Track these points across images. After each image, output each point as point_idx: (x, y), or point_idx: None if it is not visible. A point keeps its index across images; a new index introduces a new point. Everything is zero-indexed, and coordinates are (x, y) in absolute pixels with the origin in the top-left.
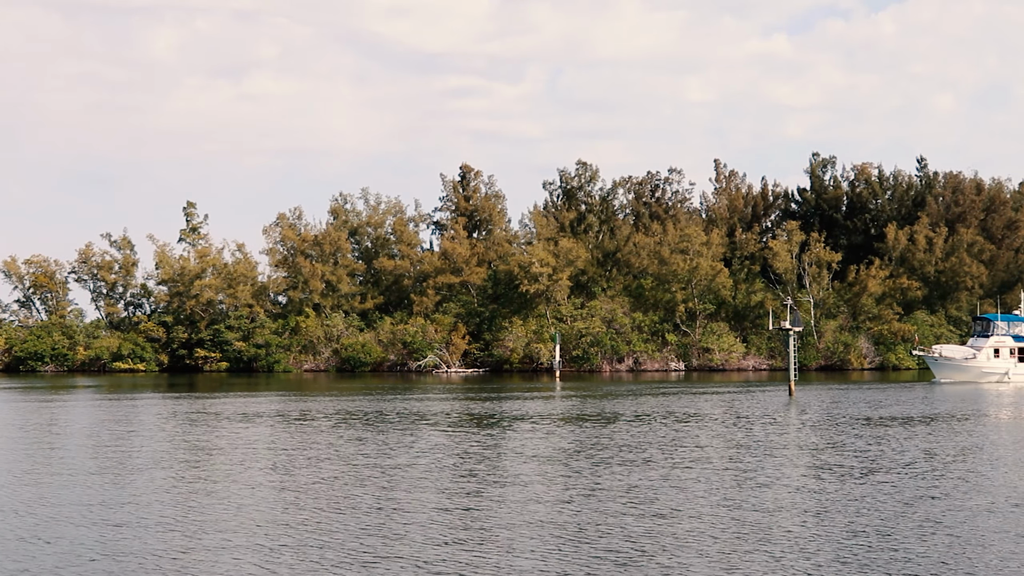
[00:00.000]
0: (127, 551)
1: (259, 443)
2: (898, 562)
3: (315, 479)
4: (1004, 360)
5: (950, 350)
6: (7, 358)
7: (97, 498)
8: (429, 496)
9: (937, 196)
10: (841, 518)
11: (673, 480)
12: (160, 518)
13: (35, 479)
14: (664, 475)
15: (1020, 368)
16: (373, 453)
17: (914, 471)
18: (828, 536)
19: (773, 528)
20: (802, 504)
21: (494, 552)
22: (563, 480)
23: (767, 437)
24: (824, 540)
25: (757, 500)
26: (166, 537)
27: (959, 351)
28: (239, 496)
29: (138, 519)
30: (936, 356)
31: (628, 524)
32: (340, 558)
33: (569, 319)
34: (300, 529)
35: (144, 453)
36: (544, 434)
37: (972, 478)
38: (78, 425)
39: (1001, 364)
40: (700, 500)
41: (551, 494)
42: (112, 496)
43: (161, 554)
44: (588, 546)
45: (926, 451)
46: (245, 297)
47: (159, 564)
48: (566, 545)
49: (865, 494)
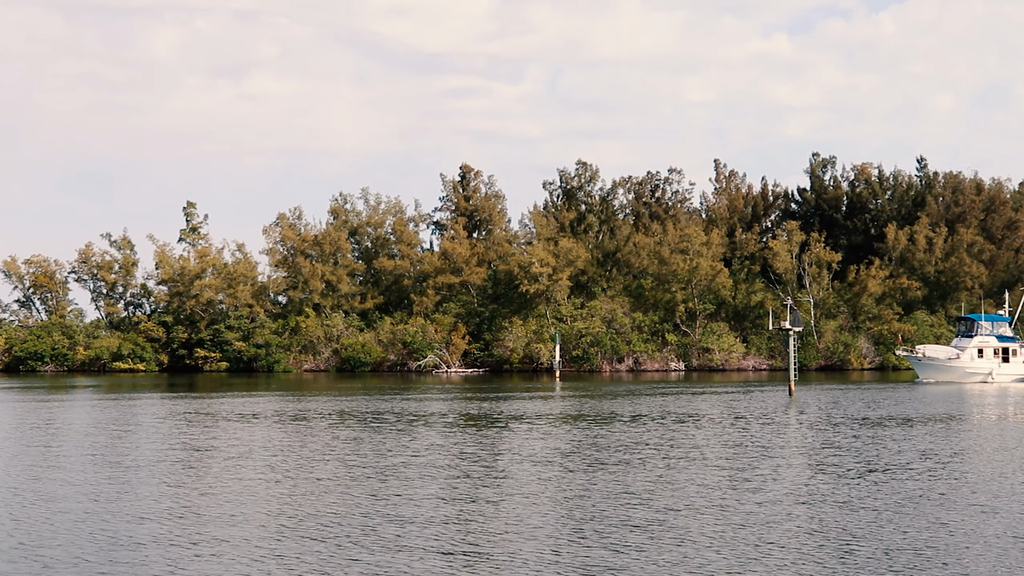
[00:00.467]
0: (126, 551)
1: (259, 443)
2: (893, 561)
3: (313, 479)
4: (988, 360)
5: (933, 350)
6: (7, 358)
7: (94, 498)
8: (426, 497)
9: (937, 196)
10: (839, 518)
11: (672, 480)
12: (158, 518)
13: (34, 479)
14: (663, 476)
15: (1004, 368)
16: (371, 453)
17: (914, 471)
18: (826, 535)
19: (771, 528)
20: (800, 504)
21: (492, 552)
22: (562, 480)
23: (767, 437)
24: (822, 539)
25: (755, 500)
26: (165, 537)
27: (942, 351)
28: (237, 496)
29: (137, 519)
30: (919, 356)
31: (626, 524)
32: (339, 558)
33: (569, 319)
34: (299, 529)
35: (143, 453)
36: (543, 435)
37: (969, 477)
38: (77, 425)
39: (985, 364)
40: (699, 500)
41: (550, 494)
42: (110, 496)
43: (159, 553)
44: (587, 546)
45: (924, 451)
46: (245, 297)
47: (158, 564)
48: (565, 545)
49: (865, 494)
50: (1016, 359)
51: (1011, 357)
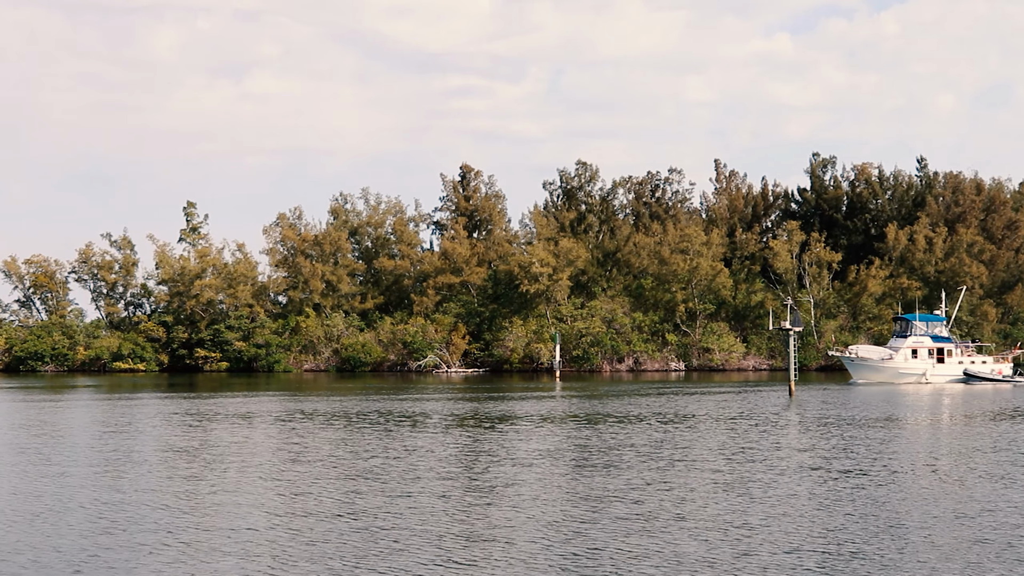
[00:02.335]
0: (123, 550)
1: (258, 443)
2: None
3: (311, 480)
4: (922, 361)
5: (866, 350)
6: (7, 358)
7: (93, 498)
8: (424, 497)
9: (937, 196)
10: (839, 518)
11: (672, 480)
12: (156, 517)
13: (33, 477)
14: (662, 476)
15: (939, 369)
16: (371, 453)
17: (918, 471)
18: (823, 536)
19: (768, 528)
20: (798, 504)
21: (492, 552)
22: (561, 481)
23: (767, 438)
24: (819, 540)
25: (753, 501)
26: (162, 536)
27: (875, 351)
28: (235, 497)
29: (135, 518)
30: (852, 356)
31: (624, 524)
32: (337, 558)
33: (569, 319)
34: (297, 529)
35: (142, 453)
36: (543, 435)
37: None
38: (77, 425)
39: (919, 365)
40: (696, 501)
41: (548, 495)
42: (109, 495)
43: (157, 552)
44: (586, 546)
45: (926, 452)
46: (245, 297)
47: (157, 562)
48: (564, 545)
49: (873, 496)
50: (951, 360)
51: (946, 358)
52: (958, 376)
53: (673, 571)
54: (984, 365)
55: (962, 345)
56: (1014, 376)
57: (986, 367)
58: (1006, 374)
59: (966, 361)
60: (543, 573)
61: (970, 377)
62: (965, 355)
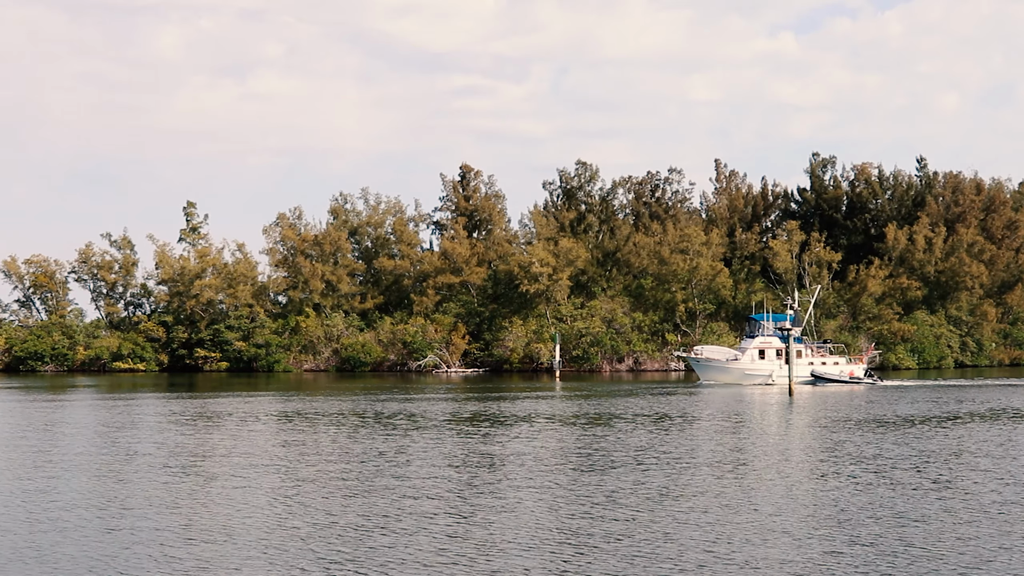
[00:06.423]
0: (124, 550)
1: (258, 443)
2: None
3: (311, 480)
4: (770, 362)
5: (712, 351)
6: (7, 358)
7: (93, 498)
8: (423, 497)
9: (937, 196)
10: (840, 519)
11: (671, 481)
12: (156, 517)
13: (32, 477)
14: (662, 476)
15: (785, 371)
16: (369, 453)
17: (927, 469)
18: (823, 535)
19: (767, 529)
20: (796, 504)
21: (490, 553)
22: (560, 481)
23: (767, 438)
24: (818, 539)
25: (752, 502)
26: (162, 536)
27: (722, 352)
28: (235, 497)
29: (134, 519)
30: (698, 357)
31: (622, 524)
32: (338, 558)
33: (569, 319)
34: (296, 529)
35: (141, 453)
36: (543, 435)
37: (943, 480)
38: (77, 425)
39: (766, 366)
40: (697, 501)
41: (547, 495)
42: (109, 495)
43: (156, 553)
44: (585, 545)
45: (929, 450)
46: (245, 297)
47: (156, 562)
48: (563, 545)
49: (882, 495)
50: (801, 360)
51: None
52: (805, 378)
53: (672, 571)
54: (835, 367)
55: (813, 346)
56: (865, 378)
57: (836, 369)
58: (857, 376)
59: (816, 362)
60: (543, 573)
61: (817, 379)
62: (817, 356)
